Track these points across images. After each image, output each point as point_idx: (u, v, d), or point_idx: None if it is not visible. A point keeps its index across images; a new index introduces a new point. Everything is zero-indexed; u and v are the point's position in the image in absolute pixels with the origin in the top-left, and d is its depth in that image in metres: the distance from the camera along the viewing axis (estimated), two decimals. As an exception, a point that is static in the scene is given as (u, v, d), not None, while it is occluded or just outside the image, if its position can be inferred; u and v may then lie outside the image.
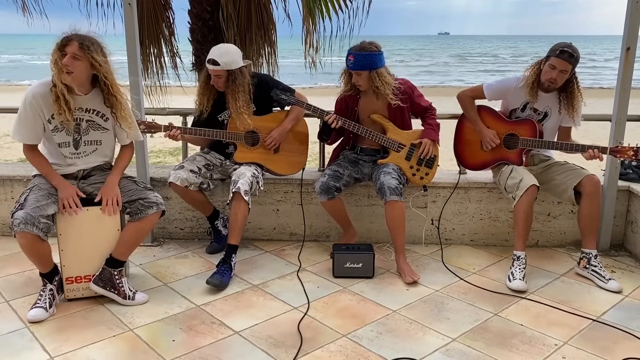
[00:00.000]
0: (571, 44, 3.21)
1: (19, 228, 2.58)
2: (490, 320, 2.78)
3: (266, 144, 3.52)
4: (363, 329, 2.69)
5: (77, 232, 2.86)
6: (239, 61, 3.38)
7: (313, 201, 3.78)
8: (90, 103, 2.85)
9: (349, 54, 3.32)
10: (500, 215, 3.76)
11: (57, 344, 2.53)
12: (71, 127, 2.82)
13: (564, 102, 3.33)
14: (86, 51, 2.65)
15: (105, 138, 2.97)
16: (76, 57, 2.65)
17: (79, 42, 2.65)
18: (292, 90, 3.57)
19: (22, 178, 3.81)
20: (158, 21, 4.92)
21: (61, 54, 2.66)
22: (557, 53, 3.17)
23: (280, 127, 3.55)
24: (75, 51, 2.65)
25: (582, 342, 2.58)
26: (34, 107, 2.75)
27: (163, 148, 9.89)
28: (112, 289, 2.88)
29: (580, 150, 3.21)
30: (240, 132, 3.46)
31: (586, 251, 3.27)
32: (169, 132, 3.33)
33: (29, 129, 2.79)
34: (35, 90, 2.75)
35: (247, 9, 4.67)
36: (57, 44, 2.67)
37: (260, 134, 3.53)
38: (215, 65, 3.30)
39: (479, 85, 3.56)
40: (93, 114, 2.88)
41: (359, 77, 3.31)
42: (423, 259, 3.56)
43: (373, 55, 3.27)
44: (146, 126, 3.30)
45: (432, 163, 3.51)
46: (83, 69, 2.69)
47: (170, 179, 3.38)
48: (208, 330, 2.67)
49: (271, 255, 3.62)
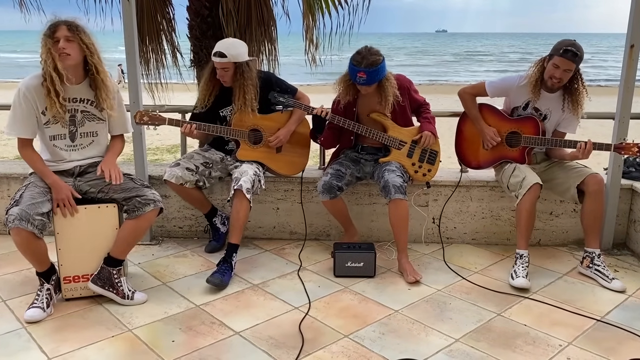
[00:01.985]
0: (575, 41, 3.16)
1: (13, 224, 2.55)
2: (494, 321, 2.75)
3: (271, 143, 3.49)
4: (365, 329, 2.66)
5: (75, 231, 2.82)
6: (245, 54, 3.35)
7: (313, 199, 3.74)
8: (83, 92, 2.83)
9: (359, 70, 3.10)
10: (502, 214, 3.73)
11: (54, 344, 2.50)
12: (65, 119, 2.79)
13: (568, 100, 3.29)
14: (75, 32, 2.67)
15: (101, 129, 2.95)
16: (69, 39, 2.66)
17: (66, 25, 2.67)
18: (294, 90, 3.53)
19: (18, 176, 3.77)
20: (157, 17, 4.87)
21: (54, 41, 2.65)
22: (560, 52, 3.13)
23: (285, 128, 3.53)
24: (66, 33, 2.66)
25: (586, 342, 2.55)
26: (27, 99, 2.72)
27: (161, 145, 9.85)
28: (110, 288, 2.85)
29: (574, 146, 3.18)
30: (244, 130, 3.42)
31: (589, 250, 3.24)
32: (185, 126, 3.28)
33: (24, 122, 2.76)
34: (28, 83, 2.73)
35: (247, 4, 4.61)
36: (46, 33, 2.66)
37: (264, 133, 3.50)
38: (222, 58, 3.26)
39: (480, 83, 3.52)
40: (87, 104, 2.85)
41: (369, 88, 3.23)
42: (424, 258, 3.53)
43: (382, 66, 3.17)
44: (150, 117, 3.26)
45: (434, 159, 3.47)
46: (77, 50, 2.70)
47: (165, 176, 3.35)
48: (208, 330, 2.64)
49: (271, 254, 3.59)
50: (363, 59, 3.12)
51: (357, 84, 3.22)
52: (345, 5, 4.74)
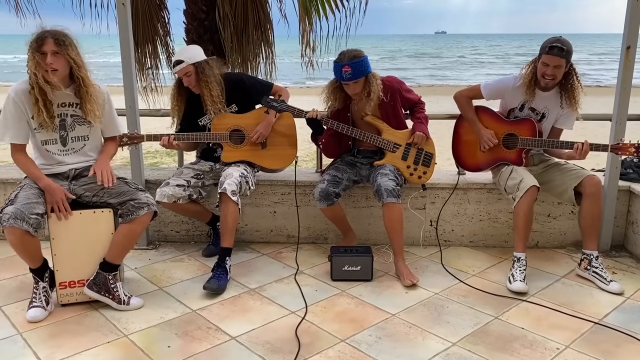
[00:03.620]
0: (560, 37, 3.17)
1: (7, 223, 2.54)
2: (491, 324, 2.74)
3: (252, 139, 3.48)
4: (362, 333, 2.65)
5: (70, 236, 2.81)
6: (201, 54, 3.41)
7: (310, 203, 3.73)
8: (71, 97, 2.82)
9: (343, 65, 3.16)
10: (500, 216, 3.72)
11: (50, 350, 2.49)
12: (55, 124, 2.80)
13: (565, 96, 3.28)
14: (62, 46, 2.66)
15: (92, 133, 2.94)
16: (55, 53, 2.65)
17: (53, 39, 2.65)
18: (270, 85, 3.57)
19: (15, 180, 3.76)
20: (153, 21, 4.87)
21: (41, 55, 2.64)
22: (547, 50, 3.13)
23: (265, 122, 3.50)
24: (53, 48, 2.64)
25: (584, 345, 2.54)
26: (17, 104, 2.73)
27: (160, 148, 9.83)
28: (106, 293, 2.83)
29: (570, 147, 3.17)
30: (225, 132, 3.43)
31: (587, 252, 3.23)
32: (163, 140, 3.29)
33: (16, 127, 2.76)
34: (18, 88, 2.74)
35: (244, 8, 4.62)
36: (32, 46, 2.64)
37: (245, 132, 3.49)
38: (180, 64, 3.33)
39: (476, 85, 3.51)
40: (77, 108, 2.85)
41: (356, 85, 3.23)
42: (422, 261, 3.52)
43: (365, 60, 3.22)
44: (128, 138, 3.25)
45: (429, 161, 3.46)
46: (64, 63, 2.70)
47: (156, 198, 3.30)
48: (204, 335, 2.63)
49: (268, 258, 3.57)
50: (345, 54, 3.22)
51: (344, 83, 3.24)
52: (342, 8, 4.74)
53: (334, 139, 3.46)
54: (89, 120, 2.85)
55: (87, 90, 2.78)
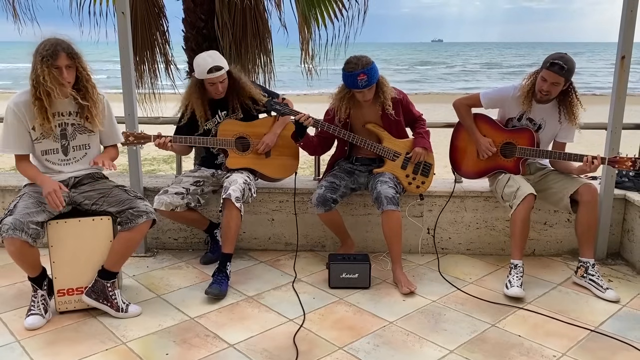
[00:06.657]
0: (565, 54, 3.17)
1: (7, 234, 2.55)
2: (488, 331, 2.75)
3: (258, 150, 3.50)
4: (359, 341, 2.65)
5: (69, 244, 2.82)
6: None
7: (308, 210, 3.75)
8: (71, 105, 2.83)
9: (358, 74, 3.13)
10: (497, 224, 3.74)
11: (48, 358, 2.49)
12: (56, 133, 2.81)
13: (564, 112, 3.31)
14: (74, 60, 2.69)
15: (92, 141, 2.95)
16: (68, 67, 2.68)
17: (66, 53, 2.66)
18: (277, 95, 3.57)
19: (13, 188, 3.77)
20: (152, 30, 4.90)
21: (57, 70, 2.64)
22: (547, 65, 3.14)
23: (271, 132, 3.54)
24: (67, 62, 2.66)
25: (580, 353, 2.55)
26: (17, 116, 2.74)
27: (157, 155, 9.83)
28: (104, 301, 2.84)
29: (579, 160, 3.18)
30: (230, 139, 3.44)
31: (583, 260, 3.25)
32: (158, 140, 3.29)
33: (17, 139, 2.77)
34: (18, 99, 2.75)
35: (242, 17, 4.65)
36: (47, 61, 2.61)
37: (251, 140, 3.51)
38: (219, 71, 3.29)
39: (475, 94, 3.54)
40: (77, 117, 2.86)
41: (369, 92, 3.25)
42: (419, 269, 3.53)
43: (375, 64, 3.22)
44: (135, 137, 3.26)
45: (428, 172, 3.49)
46: (74, 75, 2.73)
47: (154, 205, 3.30)
48: (202, 343, 2.63)
49: (266, 266, 3.58)
50: (357, 62, 3.17)
51: (358, 91, 3.22)
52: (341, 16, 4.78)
53: (319, 140, 3.48)
54: (94, 125, 2.86)
55: (92, 97, 2.80)
